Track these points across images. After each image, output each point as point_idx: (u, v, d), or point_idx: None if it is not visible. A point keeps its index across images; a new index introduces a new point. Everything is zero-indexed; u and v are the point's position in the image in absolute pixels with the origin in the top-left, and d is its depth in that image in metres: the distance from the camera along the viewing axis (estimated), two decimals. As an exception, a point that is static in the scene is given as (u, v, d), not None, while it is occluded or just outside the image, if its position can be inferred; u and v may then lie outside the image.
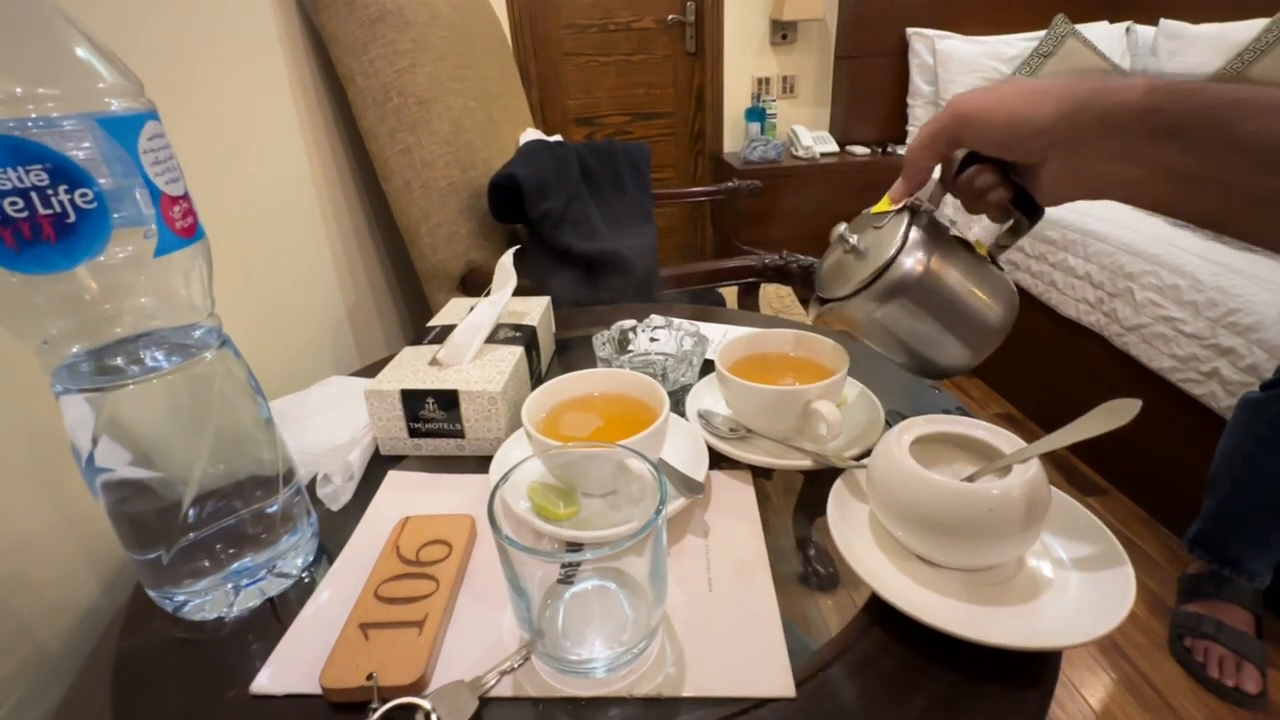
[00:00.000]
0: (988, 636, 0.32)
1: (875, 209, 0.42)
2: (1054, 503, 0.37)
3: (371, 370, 0.65)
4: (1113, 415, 0.34)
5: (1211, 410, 1.18)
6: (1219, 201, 0.28)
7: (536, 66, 2.35)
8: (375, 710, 0.32)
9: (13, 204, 0.26)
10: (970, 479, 0.38)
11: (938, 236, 0.40)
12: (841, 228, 0.42)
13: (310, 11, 0.92)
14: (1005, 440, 0.38)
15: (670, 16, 2.37)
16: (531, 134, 1.27)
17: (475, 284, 1.03)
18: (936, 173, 0.40)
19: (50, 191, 0.27)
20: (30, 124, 0.26)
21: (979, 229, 1.78)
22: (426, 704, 0.32)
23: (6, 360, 0.42)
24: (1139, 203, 0.32)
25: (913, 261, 0.38)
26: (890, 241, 0.39)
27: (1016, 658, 0.33)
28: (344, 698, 0.33)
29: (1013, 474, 0.35)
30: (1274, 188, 0.26)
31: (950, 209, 1.93)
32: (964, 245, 0.42)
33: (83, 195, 0.28)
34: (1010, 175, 0.38)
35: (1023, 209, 0.40)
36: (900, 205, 0.40)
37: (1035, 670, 0.33)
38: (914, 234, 0.39)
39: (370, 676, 0.33)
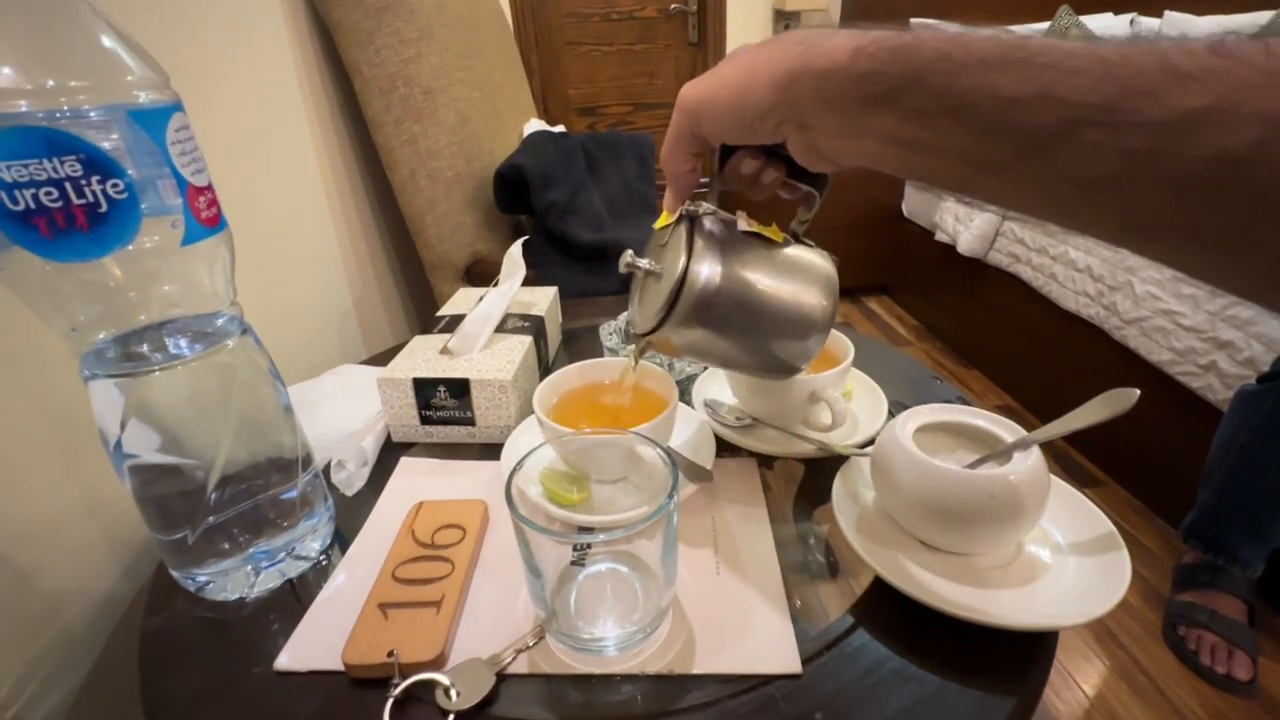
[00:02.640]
0: (987, 617, 0.33)
1: (658, 224, 0.39)
2: (1053, 489, 0.38)
3: (382, 359, 0.66)
4: (1112, 404, 0.35)
5: (1209, 403, 1.19)
6: (953, 169, 0.25)
7: (538, 55, 2.34)
8: (396, 685, 0.33)
9: (48, 194, 0.27)
10: (973, 466, 0.39)
11: (726, 236, 0.36)
12: (628, 255, 0.38)
13: (316, 1, 0.92)
14: (1006, 429, 0.39)
15: (673, 6, 2.36)
16: (535, 124, 1.27)
17: (480, 274, 1.04)
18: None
19: (84, 182, 0.28)
20: (63, 115, 0.27)
21: (975, 226, 1.79)
22: (446, 680, 0.33)
23: (32, 350, 0.43)
24: (885, 170, 0.28)
25: (706, 270, 0.35)
26: (676, 257, 0.35)
27: (1014, 638, 0.34)
28: (366, 674, 0.34)
29: (1014, 461, 0.37)
30: (995, 154, 0.23)
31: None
32: (757, 237, 0.37)
33: (114, 185, 0.28)
34: (778, 151, 0.34)
35: (806, 180, 0.37)
36: (677, 215, 0.37)
37: (1032, 650, 0.34)
38: (697, 242, 0.35)
39: (391, 653, 0.34)
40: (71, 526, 0.46)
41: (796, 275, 0.37)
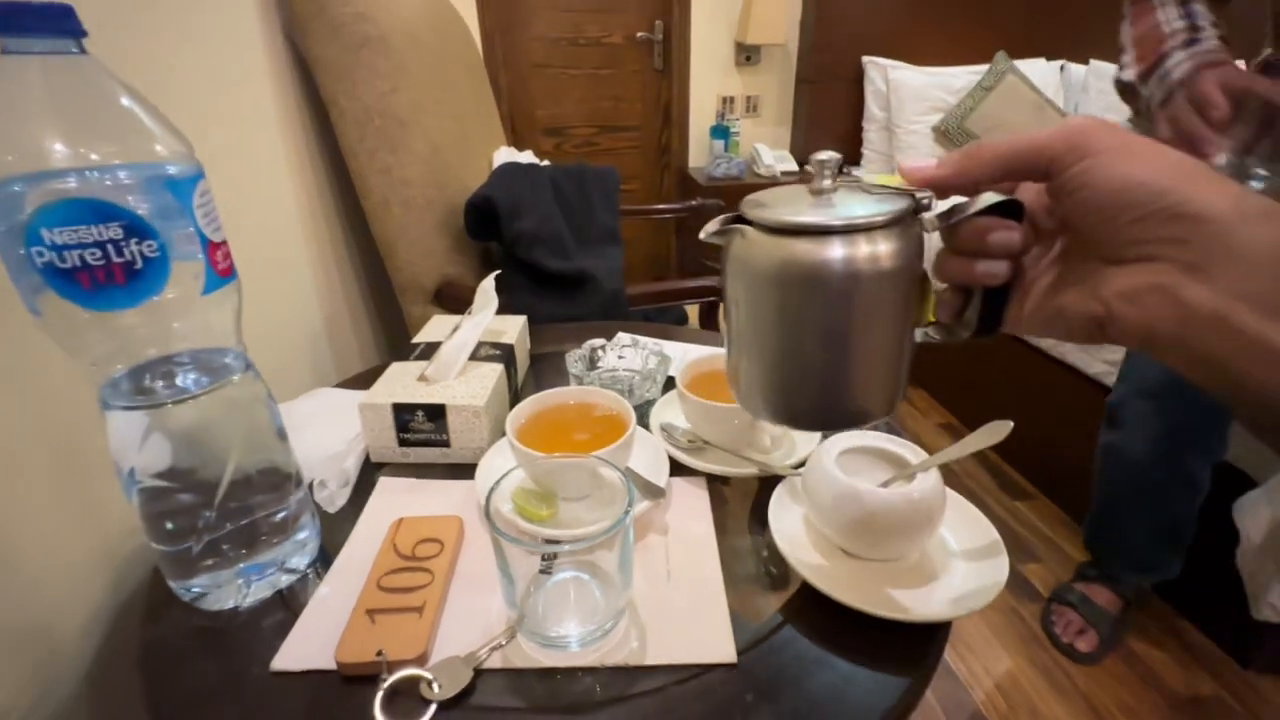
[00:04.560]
0: (893, 613, 0.40)
1: (877, 176, 0.32)
2: (951, 502, 0.45)
3: (357, 383, 0.70)
4: (992, 434, 0.42)
5: None
6: None
7: (506, 77, 2.39)
8: (385, 681, 0.37)
9: (93, 254, 0.31)
10: (885, 485, 0.46)
11: (914, 253, 0.29)
12: (826, 154, 0.30)
13: (295, 36, 0.96)
14: (912, 452, 0.46)
15: (639, 34, 2.45)
16: (505, 153, 1.32)
17: (450, 297, 1.08)
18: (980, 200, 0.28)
19: (123, 243, 0.32)
20: (108, 185, 0.32)
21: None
22: (429, 675, 0.38)
23: (34, 377, 0.46)
24: (1243, 380, 0.22)
25: (871, 249, 0.27)
26: (868, 212, 0.28)
27: (915, 628, 0.41)
28: (356, 671, 0.39)
29: (916, 481, 0.43)
30: None
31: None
32: (923, 288, 0.31)
33: (149, 246, 0.33)
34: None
35: (987, 309, 0.30)
36: (906, 190, 0.29)
37: (929, 637, 0.41)
38: (900, 227, 0.28)
39: (379, 652, 0.39)
40: (65, 542, 0.49)
41: (896, 353, 0.31)
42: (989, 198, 0.28)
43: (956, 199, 0.29)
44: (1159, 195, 0.23)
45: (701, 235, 0.32)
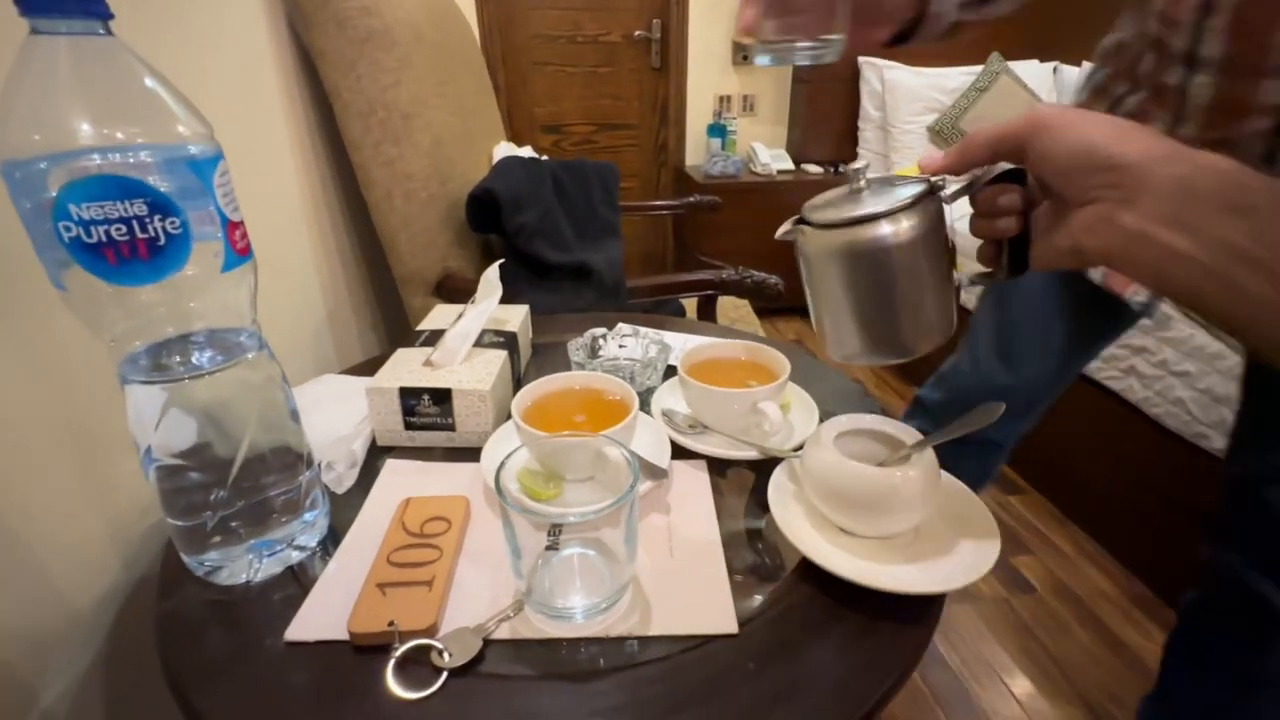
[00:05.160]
0: (888, 586, 0.41)
1: (899, 170, 0.45)
2: (944, 483, 0.46)
3: (363, 369, 0.71)
4: (982, 416, 0.44)
5: (1125, 412, 1.33)
6: (1267, 297, 0.26)
7: (505, 74, 2.40)
8: (397, 650, 0.39)
9: (118, 229, 0.32)
10: (881, 465, 0.47)
11: (937, 224, 0.38)
12: (857, 164, 0.40)
13: (300, 29, 0.97)
14: (908, 434, 0.48)
15: (637, 32, 2.47)
16: (505, 148, 1.33)
17: (450, 289, 1.09)
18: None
19: (148, 220, 0.33)
20: (133, 163, 0.33)
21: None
22: (439, 644, 0.39)
23: (50, 360, 0.47)
24: (1169, 281, 0.29)
25: (907, 225, 0.36)
26: (896, 199, 0.37)
27: (909, 601, 0.42)
28: (369, 641, 0.40)
29: (911, 461, 0.45)
30: None
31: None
32: (949, 252, 0.40)
33: (172, 223, 0.34)
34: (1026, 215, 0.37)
35: (1014, 255, 0.38)
36: (924, 177, 0.38)
37: (923, 610, 0.42)
38: (921, 206, 0.37)
39: (391, 623, 0.40)
40: (81, 521, 0.50)
41: (937, 299, 0.39)
42: (999, 168, 0.36)
43: (976, 171, 0.37)
44: (1096, 151, 0.30)
45: (776, 235, 0.41)
